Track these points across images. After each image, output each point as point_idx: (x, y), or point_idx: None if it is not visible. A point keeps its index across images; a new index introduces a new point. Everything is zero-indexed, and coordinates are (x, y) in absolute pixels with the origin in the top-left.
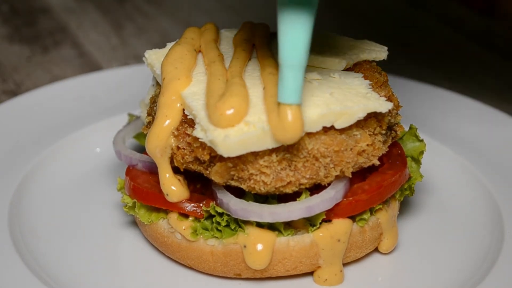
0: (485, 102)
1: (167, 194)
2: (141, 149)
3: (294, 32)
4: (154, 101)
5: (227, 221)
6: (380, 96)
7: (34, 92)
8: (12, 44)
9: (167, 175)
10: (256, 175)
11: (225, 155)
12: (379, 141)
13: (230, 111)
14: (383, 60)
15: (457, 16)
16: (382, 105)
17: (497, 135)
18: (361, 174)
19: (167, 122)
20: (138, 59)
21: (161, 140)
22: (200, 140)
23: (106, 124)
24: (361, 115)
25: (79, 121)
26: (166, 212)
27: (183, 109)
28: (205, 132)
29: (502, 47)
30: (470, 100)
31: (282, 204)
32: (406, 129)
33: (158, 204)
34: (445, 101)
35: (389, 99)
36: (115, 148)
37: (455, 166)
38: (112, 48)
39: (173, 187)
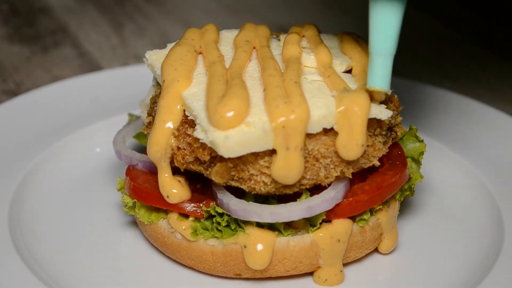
0: (485, 102)
1: (167, 196)
2: (141, 149)
3: (385, 22)
4: (154, 102)
5: (227, 221)
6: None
7: (34, 92)
8: (12, 44)
9: (166, 175)
10: (257, 175)
11: (226, 156)
12: (379, 142)
13: (230, 114)
14: None
15: (457, 16)
16: (382, 112)
17: (497, 135)
18: (361, 174)
19: (167, 126)
20: (138, 59)
21: (161, 146)
22: (200, 141)
23: (106, 124)
24: None
25: (79, 121)
26: (166, 212)
27: (184, 110)
28: (205, 133)
29: (502, 47)
30: (470, 100)
31: (283, 205)
32: (406, 129)
33: (158, 204)
34: (445, 101)
35: (389, 99)
36: (115, 148)
37: (455, 166)
38: (112, 48)
39: (174, 190)
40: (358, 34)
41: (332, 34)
